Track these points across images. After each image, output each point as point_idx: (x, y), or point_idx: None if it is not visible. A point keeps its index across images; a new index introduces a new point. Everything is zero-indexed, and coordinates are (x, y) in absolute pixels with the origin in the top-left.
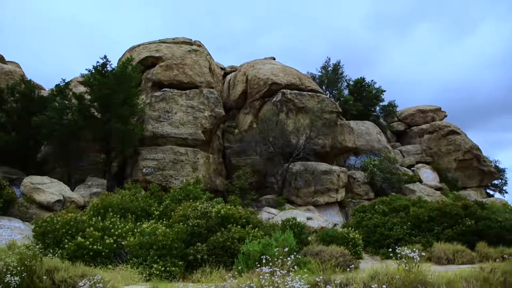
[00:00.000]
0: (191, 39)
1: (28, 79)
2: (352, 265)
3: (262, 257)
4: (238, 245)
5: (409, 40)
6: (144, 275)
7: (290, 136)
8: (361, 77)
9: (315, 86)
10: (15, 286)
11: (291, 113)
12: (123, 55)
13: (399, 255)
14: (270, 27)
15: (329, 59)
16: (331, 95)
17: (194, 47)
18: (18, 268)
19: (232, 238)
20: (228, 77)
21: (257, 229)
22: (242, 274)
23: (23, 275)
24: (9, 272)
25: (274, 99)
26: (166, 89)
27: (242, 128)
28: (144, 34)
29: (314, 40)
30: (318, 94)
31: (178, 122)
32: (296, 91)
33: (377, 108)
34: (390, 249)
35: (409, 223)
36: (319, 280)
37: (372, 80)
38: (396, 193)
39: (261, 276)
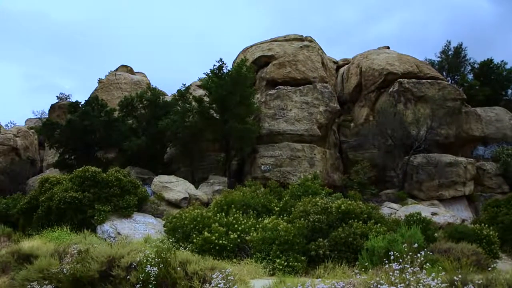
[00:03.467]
0: (302, 35)
1: (153, 86)
2: (489, 265)
3: (389, 253)
4: (360, 240)
5: None
6: (267, 269)
7: (409, 127)
8: (488, 59)
9: (434, 73)
10: (154, 275)
11: (409, 103)
12: (237, 56)
13: None
14: (381, 15)
15: (449, 42)
16: (453, 81)
17: (306, 42)
18: (156, 259)
19: (354, 234)
20: (341, 70)
21: (379, 224)
22: (367, 270)
23: (160, 266)
24: (148, 263)
25: (390, 89)
26: (280, 86)
27: (358, 121)
28: (255, 33)
29: (431, 23)
30: (439, 81)
31: (293, 118)
32: (414, 80)
33: (509, 91)
34: None
35: None
36: (456, 279)
37: (503, 61)
38: None
39: (390, 273)
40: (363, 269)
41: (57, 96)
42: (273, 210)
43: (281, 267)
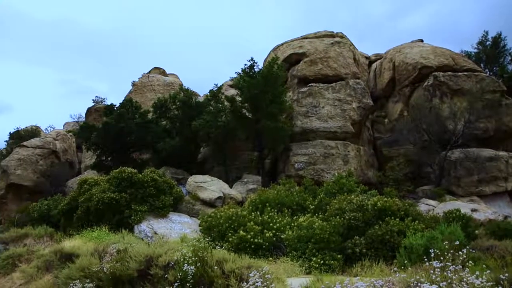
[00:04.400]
0: (332, 32)
1: (186, 87)
2: None
3: (429, 251)
4: (398, 238)
5: None
6: (304, 267)
7: (446, 121)
8: None
9: (471, 65)
10: (191, 274)
11: (445, 97)
12: (268, 55)
13: None
14: (412, 7)
15: (487, 32)
16: (491, 73)
17: (337, 39)
18: (193, 258)
19: (391, 231)
20: (374, 65)
21: (417, 221)
22: (405, 268)
23: (197, 264)
24: (185, 262)
25: (425, 83)
26: (312, 84)
27: (392, 117)
28: (284, 32)
29: (465, 14)
30: (476, 73)
31: (326, 116)
32: (449, 73)
33: None
34: None
35: None
36: (503, 277)
37: None
38: None
39: (431, 271)
40: (402, 267)
41: (92, 100)
42: (307, 208)
43: (317, 265)
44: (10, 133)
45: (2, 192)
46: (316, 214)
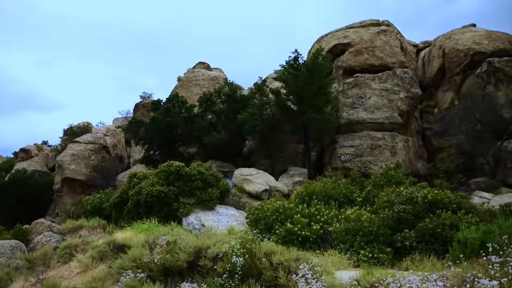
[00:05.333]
0: (378, 20)
1: (230, 81)
2: None
3: (486, 245)
4: (450, 232)
5: None
6: (352, 260)
7: (501, 110)
8: None
9: None
10: (240, 265)
11: (501, 84)
12: (312, 46)
13: None
14: None
15: None
16: None
17: (383, 27)
18: (241, 250)
19: (442, 225)
20: (422, 53)
21: (470, 215)
22: (459, 263)
23: (246, 256)
24: (234, 254)
25: (478, 70)
26: (357, 74)
27: (442, 106)
28: (330, 21)
29: None
30: None
31: (373, 106)
32: (506, 58)
33: None
34: None
35: None
36: None
37: None
38: None
39: (489, 266)
40: (455, 262)
41: (140, 96)
42: (355, 201)
43: (365, 258)
44: (64, 129)
45: (58, 185)
46: (364, 207)
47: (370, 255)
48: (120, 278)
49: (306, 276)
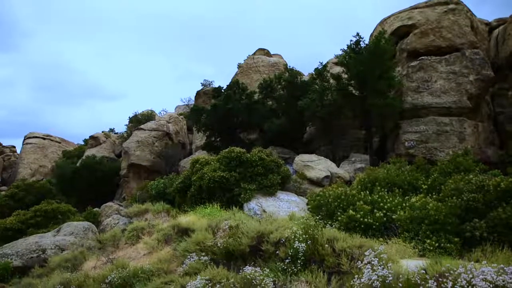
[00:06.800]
0: None
1: (290, 67)
2: None
3: None
4: None
5: None
6: (417, 249)
7: None
8: None
9: None
10: (302, 251)
11: None
12: (374, 29)
13: None
14: None
15: None
16: None
17: (451, 6)
18: (303, 236)
19: None
20: (495, 32)
21: None
22: None
23: (308, 242)
24: (296, 239)
25: None
26: (423, 57)
27: None
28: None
29: None
30: None
31: (439, 90)
32: None
33: None
34: None
35: None
36: None
37: None
38: None
39: None
40: None
41: (201, 83)
42: (420, 188)
43: (431, 248)
44: (129, 117)
45: (124, 171)
46: (430, 195)
47: (437, 244)
48: (185, 260)
49: (372, 262)
